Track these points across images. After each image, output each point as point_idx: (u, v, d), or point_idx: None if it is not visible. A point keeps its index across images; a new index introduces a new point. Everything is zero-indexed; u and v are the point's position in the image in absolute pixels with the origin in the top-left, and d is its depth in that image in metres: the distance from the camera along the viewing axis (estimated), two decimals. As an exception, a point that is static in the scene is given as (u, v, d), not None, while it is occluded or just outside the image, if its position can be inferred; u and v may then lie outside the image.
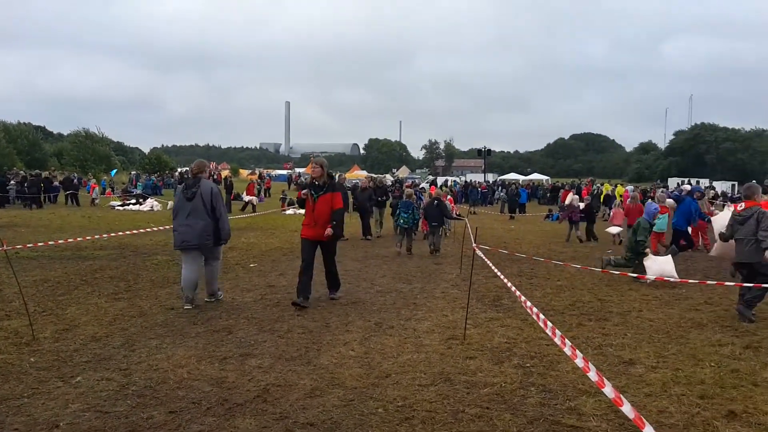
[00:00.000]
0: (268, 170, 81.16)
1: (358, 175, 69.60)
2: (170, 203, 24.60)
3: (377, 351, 6.13)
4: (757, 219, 7.36)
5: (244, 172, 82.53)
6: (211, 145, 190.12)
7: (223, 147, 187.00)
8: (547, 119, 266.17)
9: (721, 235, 8.33)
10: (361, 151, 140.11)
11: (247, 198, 30.22)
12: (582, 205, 18.07)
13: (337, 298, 8.61)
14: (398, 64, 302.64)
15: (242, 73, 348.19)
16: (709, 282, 8.08)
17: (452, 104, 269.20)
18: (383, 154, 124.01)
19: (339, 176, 24.05)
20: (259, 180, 49.16)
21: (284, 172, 78.17)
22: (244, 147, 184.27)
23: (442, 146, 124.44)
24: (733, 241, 7.63)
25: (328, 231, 8.21)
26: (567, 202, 18.87)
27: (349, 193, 25.63)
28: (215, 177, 59.77)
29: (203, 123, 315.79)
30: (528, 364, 5.70)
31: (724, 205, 23.47)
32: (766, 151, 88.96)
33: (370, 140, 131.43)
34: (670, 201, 15.52)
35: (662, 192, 19.51)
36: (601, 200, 28.27)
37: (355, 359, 5.85)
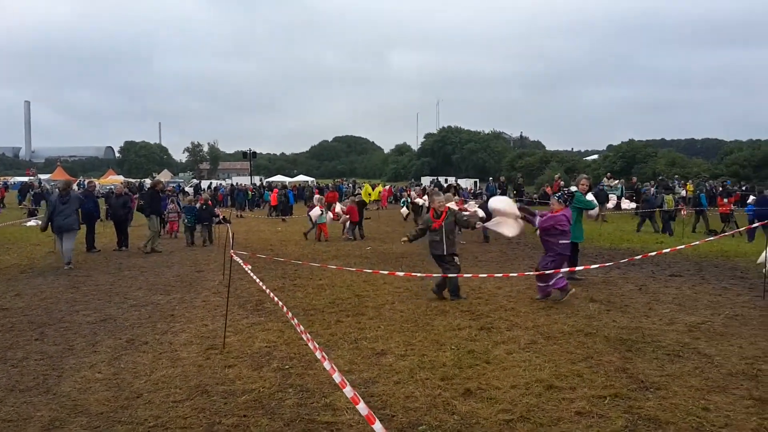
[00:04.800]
0: (6, 177, 71.87)
1: (113, 180, 64.65)
2: None
3: (128, 370, 5.76)
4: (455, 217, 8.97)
5: (-24, 180, 72.00)
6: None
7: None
8: (310, 122, 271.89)
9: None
10: (117, 155, 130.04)
11: None
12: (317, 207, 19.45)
13: None
14: (148, 65, 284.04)
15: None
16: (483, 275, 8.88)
17: (213, 106, 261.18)
18: (142, 157, 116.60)
19: (88, 183, 22.12)
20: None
21: (27, 178, 69.69)
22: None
23: (206, 149, 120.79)
24: None
25: None
26: (315, 203, 20.16)
27: (103, 200, 23.84)
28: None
29: None
30: (287, 366, 5.77)
31: (466, 201, 26.01)
32: (502, 151, 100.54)
33: (127, 143, 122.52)
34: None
35: (317, 197, 21.54)
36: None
37: (103, 382, 5.43)
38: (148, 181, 64.51)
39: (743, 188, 33.95)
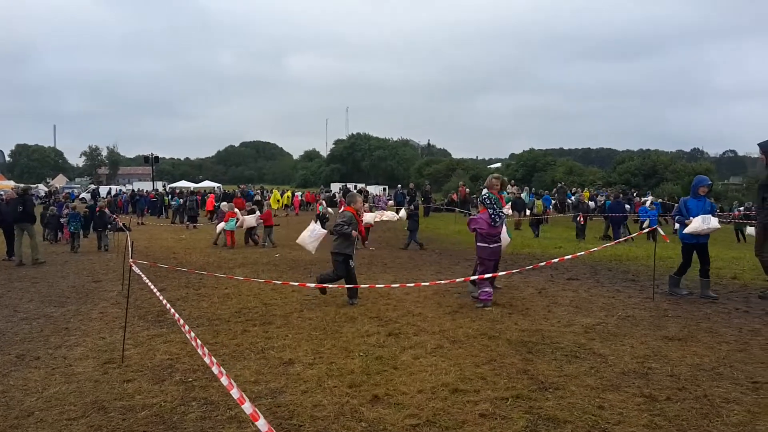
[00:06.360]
0: None
1: (3, 186, 60.72)
2: None
3: (18, 387, 5.41)
4: (348, 221, 9.09)
5: None
6: None
7: None
8: (216, 126, 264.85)
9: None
10: (7, 159, 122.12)
11: None
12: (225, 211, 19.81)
13: None
14: (40, 64, 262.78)
15: None
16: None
17: (112, 109, 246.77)
18: (35, 161, 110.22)
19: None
20: None
21: None
22: None
23: (104, 153, 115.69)
24: None
25: None
26: (224, 210, 20.24)
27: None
28: None
29: None
30: (190, 379, 5.60)
31: (372, 207, 26.32)
32: (410, 158, 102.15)
33: (18, 146, 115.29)
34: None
35: (225, 204, 22.10)
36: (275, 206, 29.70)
37: (-11, 401, 5.08)
38: (41, 187, 61.12)
39: (634, 195, 36.03)
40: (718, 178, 65.11)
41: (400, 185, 47.62)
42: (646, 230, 13.70)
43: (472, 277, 8.83)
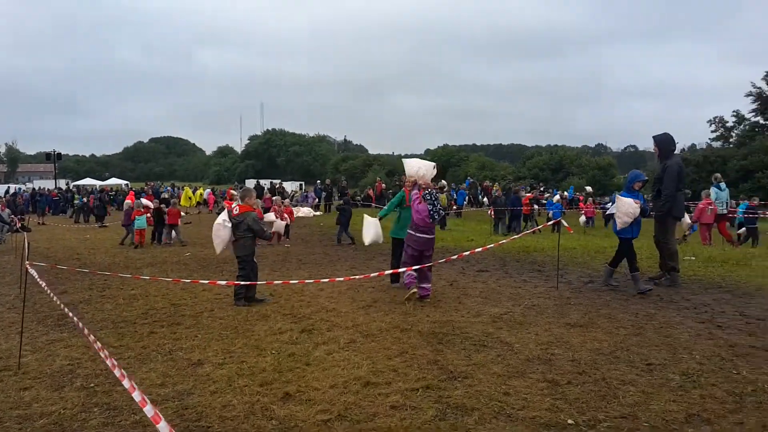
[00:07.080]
0: None
1: None
2: None
3: None
4: (250, 222, 8.66)
5: None
6: None
7: None
8: (123, 122, 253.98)
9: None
10: None
11: None
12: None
13: None
14: None
15: None
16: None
17: (9, 105, 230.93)
18: None
19: None
20: None
21: None
22: None
23: (2, 150, 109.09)
24: None
25: None
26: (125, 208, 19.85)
27: None
28: None
29: None
30: (92, 384, 5.37)
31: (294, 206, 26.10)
32: (327, 154, 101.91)
33: None
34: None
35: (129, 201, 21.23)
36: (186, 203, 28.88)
37: None
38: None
39: (541, 189, 37.32)
40: (621, 171, 68.48)
41: (319, 181, 47.38)
42: (551, 222, 14.26)
43: (387, 272, 8.93)
